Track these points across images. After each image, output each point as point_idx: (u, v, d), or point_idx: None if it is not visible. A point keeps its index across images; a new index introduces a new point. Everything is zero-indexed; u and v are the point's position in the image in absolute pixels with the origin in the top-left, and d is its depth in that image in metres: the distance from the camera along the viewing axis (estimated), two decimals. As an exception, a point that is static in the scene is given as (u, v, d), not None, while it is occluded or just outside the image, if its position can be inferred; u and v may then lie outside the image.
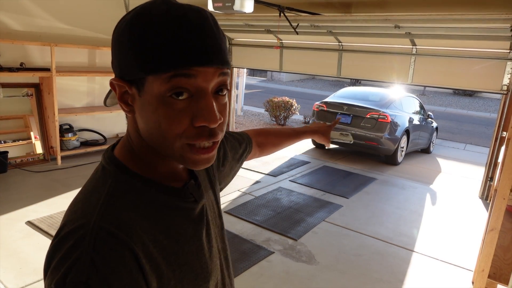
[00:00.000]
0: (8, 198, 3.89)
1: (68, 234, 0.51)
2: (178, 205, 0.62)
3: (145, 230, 0.55)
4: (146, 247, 0.53)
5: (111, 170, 0.59)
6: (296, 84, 22.16)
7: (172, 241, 0.58)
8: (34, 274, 2.67)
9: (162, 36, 0.51)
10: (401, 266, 3.24)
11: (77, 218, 0.53)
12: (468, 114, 15.88)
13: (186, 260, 0.60)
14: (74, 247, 0.49)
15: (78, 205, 0.56)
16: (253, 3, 3.63)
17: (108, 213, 0.53)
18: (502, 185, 1.98)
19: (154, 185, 0.60)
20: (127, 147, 0.62)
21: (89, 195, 0.57)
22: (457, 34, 4.63)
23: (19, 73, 4.56)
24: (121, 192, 0.57)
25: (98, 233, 0.50)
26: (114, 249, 0.50)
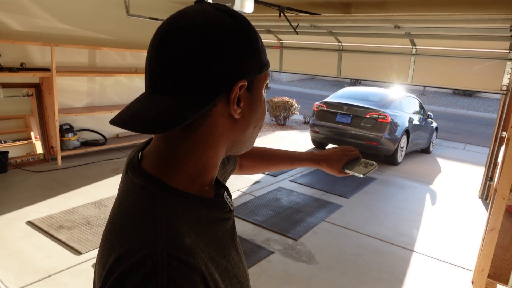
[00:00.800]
0: (8, 198, 3.90)
1: (133, 266, 0.47)
2: (219, 216, 0.61)
3: (203, 250, 0.53)
4: (208, 268, 0.52)
5: (154, 190, 0.55)
6: (296, 84, 22.15)
7: (222, 256, 0.58)
8: (34, 274, 2.67)
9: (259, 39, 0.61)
10: (401, 266, 3.24)
11: (138, 248, 0.49)
12: (468, 114, 15.88)
13: (234, 273, 0.60)
14: (147, 280, 0.45)
15: (130, 233, 0.52)
16: (253, 3, 3.63)
17: (172, 239, 0.50)
18: (501, 185, 1.99)
19: (196, 199, 0.58)
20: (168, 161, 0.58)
21: (139, 220, 0.52)
22: (457, 34, 4.63)
23: (19, 73, 4.57)
24: (174, 214, 0.54)
25: (170, 262, 0.47)
26: (188, 278, 0.47)
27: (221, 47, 0.54)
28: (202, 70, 0.53)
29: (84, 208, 3.79)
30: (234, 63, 0.55)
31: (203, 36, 0.53)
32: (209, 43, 0.53)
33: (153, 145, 0.61)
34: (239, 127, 0.61)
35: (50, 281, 2.61)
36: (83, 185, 4.41)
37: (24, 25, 4.73)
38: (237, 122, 0.60)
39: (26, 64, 4.75)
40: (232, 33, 0.55)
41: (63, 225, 3.39)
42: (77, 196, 4.08)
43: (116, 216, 0.57)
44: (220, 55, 0.54)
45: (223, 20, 0.55)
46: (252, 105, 0.61)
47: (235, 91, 0.55)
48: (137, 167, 0.60)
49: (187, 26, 0.54)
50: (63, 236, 3.19)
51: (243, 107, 0.59)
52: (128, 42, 5.88)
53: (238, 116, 0.58)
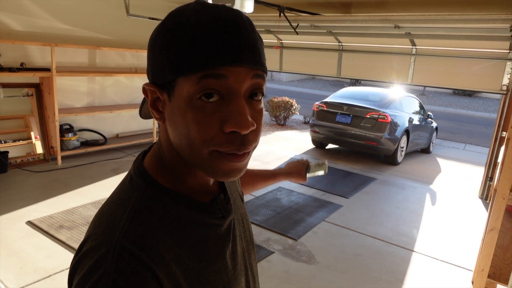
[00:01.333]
0: (8, 198, 3.90)
1: (90, 250, 0.50)
2: (205, 221, 0.59)
3: (168, 249, 0.52)
4: (169, 268, 0.51)
5: (138, 183, 0.57)
6: (296, 84, 22.16)
7: (196, 260, 0.56)
8: (34, 274, 2.67)
9: (193, 35, 0.49)
10: (401, 266, 3.25)
11: (100, 233, 0.51)
12: (468, 114, 15.88)
13: (209, 280, 0.57)
14: (97, 265, 0.48)
15: (102, 218, 0.54)
16: (253, 3, 3.64)
17: (132, 231, 0.51)
18: (501, 185, 1.99)
19: (182, 200, 0.57)
20: (157, 157, 0.59)
21: (115, 209, 0.54)
22: (457, 34, 4.63)
23: (19, 73, 4.57)
24: (147, 208, 0.54)
25: (121, 253, 0.48)
26: (136, 271, 0.48)
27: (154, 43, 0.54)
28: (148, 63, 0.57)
29: (84, 208, 3.79)
30: (150, 66, 0.55)
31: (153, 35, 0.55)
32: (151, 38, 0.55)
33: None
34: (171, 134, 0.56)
35: (50, 281, 2.61)
36: (83, 185, 4.41)
37: (24, 25, 4.73)
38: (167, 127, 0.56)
39: (26, 64, 4.75)
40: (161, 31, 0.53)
41: (63, 225, 3.39)
42: (77, 196, 4.08)
43: (105, 201, 0.59)
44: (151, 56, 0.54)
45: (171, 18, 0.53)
46: (171, 113, 0.53)
47: (144, 93, 0.56)
48: (139, 159, 0.61)
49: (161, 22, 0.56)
50: (63, 236, 3.20)
51: (165, 113, 0.55)
52: (128, 42, 5.88)
53: (158, 120, 0.57)
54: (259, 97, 0.54)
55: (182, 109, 0.51)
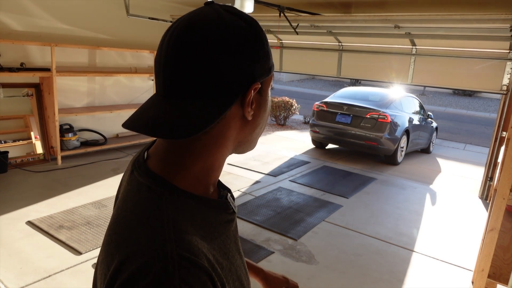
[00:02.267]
0: (8, 198, 3.90)
1: (142, 268, 0.47)
2: (223, 218, 0.62)
3: (208, 252, 0.53)
4: (215, 269, 0.52)
5: (159, 190, 0.55)
6: (296, 84, 22.16)
7: (226, 258, 0.58)
8: (34, 274, 2.67)
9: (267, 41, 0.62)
10: (401, 266, 3.24)
11: (146, 248, 0.48)
12: (468, 114, 15.88)
13: (237, 275, 0.60)
14: (158, 282, 0.45)
15: (136, 233, 0.51)
16: (253, 3, 3.64)
17: (181, 239, 0.50)
18: (501, 185, 1.99)
19: (201, 200, 0.58)
20: (175, 162, 0.58)
21: (146, 221, 0.52)
22: (457, 35, 4.63)
23: (19, 73, 4.57)
24: (180, 214, 0.54)
25: (180, 263, 0.47)
26: (198, 277, 0.47)
27: (238, 51, 0.55)
28: (221, 74, 0.54)
29: (84, 208, 3.79)
30: (249, 67, 0.57)
31: (222, 41, 0.54)
32: (228, 48, 0.54)
33: (159, 145, 0.61)
34: (248, 128, 0.63)
35: (50, 281, 2.61)
36: (83, 185, 4.41)
37: (24, 25, 4.73)
38: (247, 123, 0.62)
39: (26, 64, 4.75)
40: (247, 37, 0.57)
41: (63, 225, 3.39)
42: (77, 196, 4.08)
43: (121, 216, 0.56)
44: (237, 59, 0.55)
45: (238, 24, 0.57)
46: (261, 106, 0.63)
47: (250, 93, 0.58)
48: (143, 166, 0.59)
49: (205, 31, 0.54)
50: (63, 236, 3.19)
51: (254, 108, 0.61)
52: (128, 42, 5.88)
53: (251, 117, 0.61)
54: None
55: (267, 99, 0.64)
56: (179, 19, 0.57)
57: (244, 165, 5.75)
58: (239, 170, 5.52)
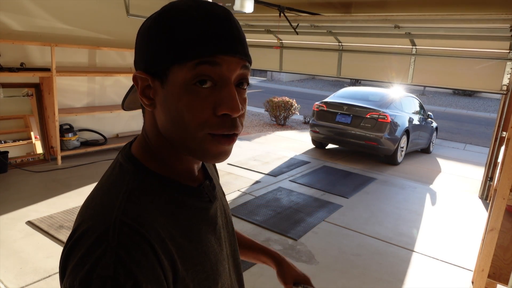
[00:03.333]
0: (8, 198, 3.90)
1: (86, 231, 0.51)
2: (193, 204, 0.63)
3: (162, 227, 0.55)
4: (165, 244, 0.53)
5: (129, 168, 0.60)
6: (296, 84, 22.16)
7: (187, 240, 0.58)
8: (34, 273, 2.67)
9: (190, 26, 0.54)
10: (401, 266, 3.25)
11: (96, 214, 0.53)
12: (468, 114, 15.88)
13: (199, 260, 0.60)
14: (98, 242, 0.49)
15: (95, 201, 0.56)
16: (253, 3, 3.63)
17: (129, 209, 0.53)
18: (501, 185, 1.99)
19: (171, 184, 0.60)
20: (144, 145, 0.63)
21: (107, 191, 0.56)
22: (457, 34, 4.63)
23: (19, 73, 4.57)
24: (140, 190, 0.57)
25: (121, 228, 0.50)
26: (138, 245, 0.50)
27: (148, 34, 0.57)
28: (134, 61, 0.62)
29: (84, 208, 3.79)
30: (144, 53, 0.58)
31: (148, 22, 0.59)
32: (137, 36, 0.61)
33: None
34: (159, 121, 0.59)
35: (50, 281, 2.61)
36: (83, 185, 4.41)
37: (24, 25, 4.73)
38: (155, 115, 0.60)
39: (26, 64, 4.75)
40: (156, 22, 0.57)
41: (63, 225, 3.39)
42: (77, 196, 4.08)
43: (94, 189, 0.60)
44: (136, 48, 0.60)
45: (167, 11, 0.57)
46: (164, 99, 0.56)
47: (134, 81, 0.59)
48: (126, 148, 0.64)
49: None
50: (63, 236, 3.20)
51: (156, 100, 0.58)
52: (128, 42, 5.88)
53: (147, 107, 0.59)
54: (244, 86, 0.60)
55: (178, 94, 0.55)
56: None
57: (244, 165, 5.75)
58: (239, 170, 5.53)
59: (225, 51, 0.54)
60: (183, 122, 0.55)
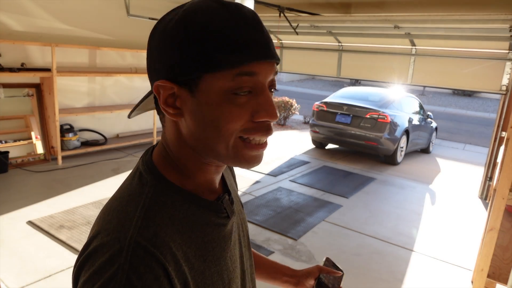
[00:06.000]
0: (9, 198, 3.90)
1: (102, 246, 0.50)
2: (211, 220, 0.60)
3: (178, 248, 0.53)
4: (178, 266, 0.52)
5: (148, 178, 0.57)
6: (296, 84, 22.16)
7: (201, 260, 0.57)
8: (35, 273, 2.68)
9: (223, 31, 0.51)
10: (400, 266, 3.25)
11: (112, 229, 0.51)
12: (468, 114, 15.89)
13: (212, 281, 0.58)
14: (110, 262, 0.47)
15: (113, 214, 0.54)
16: (253, 3, 3.64)
17: (145, 227, 0.51)
18: (501, 185, 2.00)
19: (190, 197, 0.58)
20: (164, 155, 0.60)
21: (125, 204, 0.54)
22: (457, 35, 4.64)
23: (20, 73, 4.57)
24: (159, 205, 0.55)
25: (135, 249, 0.48)
26: (150, 268, 0.48)
27: (174, 40, 0.53)
28: (147, 68, 0.58)
29: (85, 208, 3.80)
30: (168, 61, 0.54)
31: (150, 35, 0.57)
32: (150, 43, 0.57)
33: None
34: (187, 131, 0.56)
35: (51, 281, 2.62)
36: (84, 185, 4.41)
37: (25, 25, 4.73)
38: (181, 124, 0.57)
39: (27, 64, 4.76)
40: (183, 29, 0.52)
41: (63, 225, 3.40)
42: (77, 196, 4.09)
43: (112, 197, 0.59)
44: (154, 53, 0.56)
45: (168, 18, 0.55)
46: (196, 109, 0.54)
47: (157, 91, 0.55)
48: (148, 155, 0.61)
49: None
50: (64, 236, 3.20)
51: (184, 109, 0.55)
52: (128, 42, 5.88)
53: (172, 117, 0.56)
54: (273, 91, 0.58)
55: (214, 103, 0.53)
56: None
57: (244, 165, 5.76)
58: (239, 170, 5.53)
59: (262, 57, 0.53)
60: (218, 129, 0.54)
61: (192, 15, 0.52)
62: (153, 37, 0.56)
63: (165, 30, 0.54)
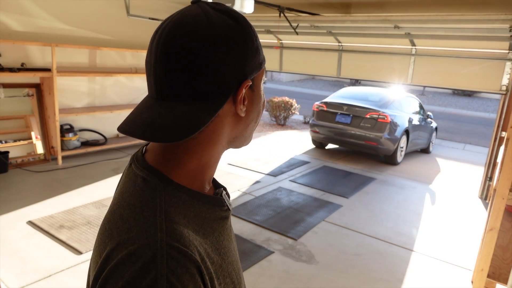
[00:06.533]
0: (9, 198, 3.90)
1: (130, 256, 0.48)
2: (217, 214, 0.62)
3: (199, 245, 0.54)
4: (204, 262, 0.53)
5: (155, 182, 0.56)
6: (296, 84, 22.16)
7: (217, 254, 0.59)
8: (35, 273, 2.68)
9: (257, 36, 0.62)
10: (400, 266, 3.25)
11: (137, 237, 0.49)
12: (468, 114, 15.89)
13: (228, 272, 0.60)
14: (145, 269, 0.46)
15: (130, 223, 0.52)
16: (253, 3, 3.64)
17: (172, 229, 0.51)
18: (501, 185, 2.00)
19: (196, 195, 0.59)
20: (170, 157, 0.59)
21: (140, 211, 0.53)
22: (457, 35, 4.64)
23: (20, 73, 4.57)
24: (173, 207, 0.55)
25: (169, 252, 0.48)
26: (186, 268, 0.48)
27: (227, 50, 0.55)
28: (211, 74, 0.54)
29: (85, 208, 3.80)
30: (240, 65, 0.57)
31: (210, 41, 0.54)
32: (216, 48, 0.54)
33: None
34: (242, 124, 0.63)
35: (51, 281, 2.62)
36: (84, 185, 4.41)
37: (25, 25, 4.73)
38: (241, 119, 0.63)
39: (27, 64, 4.76)
40: (235, 35, 0.57)
41: (63, 225, 3.40)
42: (77, 196, 4.09)
43: (116, 206, 0.57)
44: (226, 58, 0.55)
45: (226, 23, 0.56)
46: (254, 102, 0.63)
47: (242, 91, 0.58)
48: (140, 160, 0.61)
49: (193, 32, 0.54)
50: (64, 235, 3.20)
51: (247, 105, 0.62)
52: (128, 42, 5.89)
53: (244, 114, 0.61)
54: None
55: (261, 93, 0.65)
56: (167, 19, 0.57)
57: (244, 165, 5.76)
58: (239, 170, 5.53)
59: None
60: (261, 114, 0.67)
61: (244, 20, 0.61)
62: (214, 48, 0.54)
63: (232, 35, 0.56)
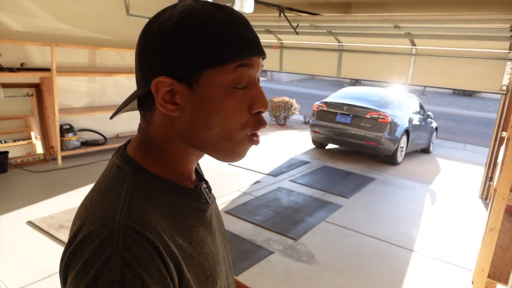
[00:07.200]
0: (8, 198, 3.90)
1: (89, 235, 0.50)
2: (192, 206, 0.63)
3: (164, 230, 0.55)
4: (168, 246, 0.53)
5: (127, 169, 0.59)
6: (296, 84, 22.16)
7: (187, 242, 0.59)
8: (34, 273, 2.68)
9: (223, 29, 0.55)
10: (401, 266, 3.25)
11: (98, 218, 0.52)
12: (468, 114, 15.88)
13: (199, 262, 0.60)
14: (102, 247, 0.48)
15: (96, 205, 0.55)
16: (253, 3, 3.63)
17: (132, 212, 0.53)
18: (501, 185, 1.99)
19: (170, 185, 0.60)
20: (143, 148, 0.62)
21: (107, 195, 0.56)
22: (457, 34, 4.63)
23: (19, 73, 4.57)
24: (141, 192, 0.56)
25: (126, 231, 0.50)
26: (143, 247, 0.49)
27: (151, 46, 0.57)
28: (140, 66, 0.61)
29: (84, 208, 3.79)
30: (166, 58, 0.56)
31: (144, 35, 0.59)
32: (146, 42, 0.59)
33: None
34: (183, 125, 0.59)
35: (51, 281, 2.62)
36: (83, 185, 4.41)
37: (24, 25, 4.73)
38: (177, 119, 0.59)
39: (26, 64, 4.75)
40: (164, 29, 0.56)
41: (63, 225, 3.39)
42: (77, 196, 4.09)
43: (90, 191, 0.60)
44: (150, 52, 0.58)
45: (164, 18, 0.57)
46: (196, 104, 0.57)
47: (155, 87, 0.56)
48: (121, 150, 0.64)
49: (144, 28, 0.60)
50: (64, 236, 3.20)
51: (183, 105, 0.57)
52: (128, 42, 5.88)
53: (171, 113, 0.57)
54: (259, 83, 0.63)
55: (216, 97, 0.56)
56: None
57: (244, 165, 5.76)
58: (239, 170, 5.53)
59: (257, 53, 0.58)
60: (225, 123, 0.57)
61: (192, 15, 0.55)
62: (148, 35, 0.59)
63: (164, 28, 0.56)
